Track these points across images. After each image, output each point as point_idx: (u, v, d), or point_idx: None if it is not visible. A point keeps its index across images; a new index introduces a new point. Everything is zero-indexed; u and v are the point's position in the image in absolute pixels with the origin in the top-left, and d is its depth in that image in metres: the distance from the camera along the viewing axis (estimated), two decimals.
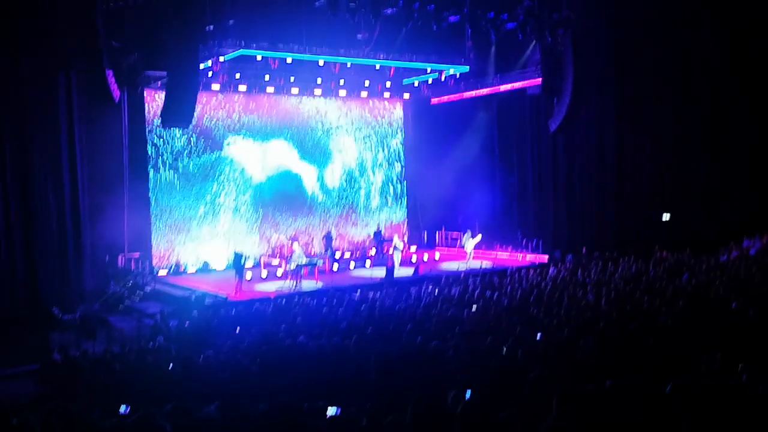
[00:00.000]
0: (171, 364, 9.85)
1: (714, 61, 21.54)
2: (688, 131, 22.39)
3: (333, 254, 23.86)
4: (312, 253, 24.08)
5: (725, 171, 22.05)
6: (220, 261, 23.90)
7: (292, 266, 20.37)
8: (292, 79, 24.11)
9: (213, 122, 24.47)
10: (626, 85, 22.85)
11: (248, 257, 22.69)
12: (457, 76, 25.18)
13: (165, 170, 23.52)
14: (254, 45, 20.06)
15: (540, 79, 23.18)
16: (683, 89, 22.11)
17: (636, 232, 22.13)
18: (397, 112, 29.16)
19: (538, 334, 9.69)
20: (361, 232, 27.68)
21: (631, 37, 22.27)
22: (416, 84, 26.76)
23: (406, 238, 27.67)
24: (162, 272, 22.64)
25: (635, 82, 22.64)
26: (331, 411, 5.91)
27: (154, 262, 22.70)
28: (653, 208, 22.54)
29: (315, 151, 26.92)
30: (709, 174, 22.32)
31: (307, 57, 21.37)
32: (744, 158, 21.79)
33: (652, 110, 22.64)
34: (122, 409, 6.69)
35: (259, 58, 20.93)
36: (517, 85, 24.35)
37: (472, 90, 25.76)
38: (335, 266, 22.99)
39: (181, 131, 23.04)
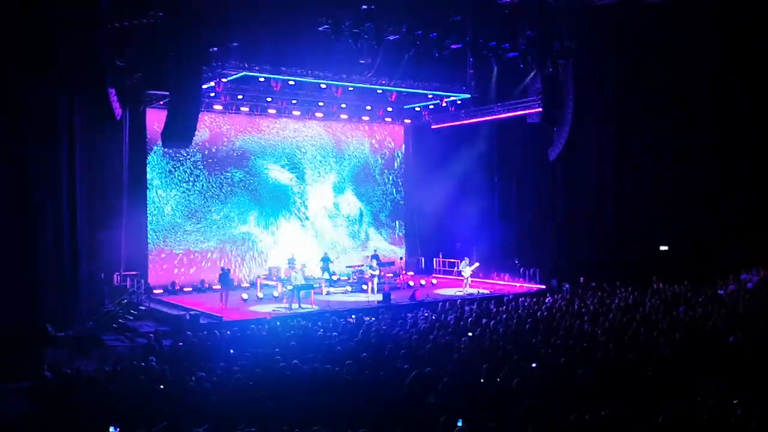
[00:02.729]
0: (162, 385, 9.76)
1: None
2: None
3: (330, 277, 23.76)
4: (309, 276, 23.97)
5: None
6: (216, 280, 23.79)
7: (289, 288, 20.28)
8: (294, 101, 24.22)
9: (213, 143, 24.56)
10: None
11: (237, 278, 22.69)
12: (458, 102, 25.29)
13: (164, 189, 23.55)
14: (257, 67, 20.20)
15: (539, 108, 23.23)
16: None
17: (634, 260, 22.03)
18: (398, 136, 29.28)
19: (533, 364, 9.64)
20: (358, 256, 27.62)
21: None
22: (417, 109, 26.87)
23: (404, 262, 27.58)
24: (157, 291, 22.53)
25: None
26: None
27: (149, 281, 22.59)
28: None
29: (314, 173, 26.99)
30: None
31: (309, 80, 21.51)
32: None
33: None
34: (111, 429, 6.65)
35: (261, 80, 21.06)
36: (517, 113, 24.38)
37: (473, 117, 25.83)
38: (332, 289, 22.89)
39: (181, 151, 23.09)
